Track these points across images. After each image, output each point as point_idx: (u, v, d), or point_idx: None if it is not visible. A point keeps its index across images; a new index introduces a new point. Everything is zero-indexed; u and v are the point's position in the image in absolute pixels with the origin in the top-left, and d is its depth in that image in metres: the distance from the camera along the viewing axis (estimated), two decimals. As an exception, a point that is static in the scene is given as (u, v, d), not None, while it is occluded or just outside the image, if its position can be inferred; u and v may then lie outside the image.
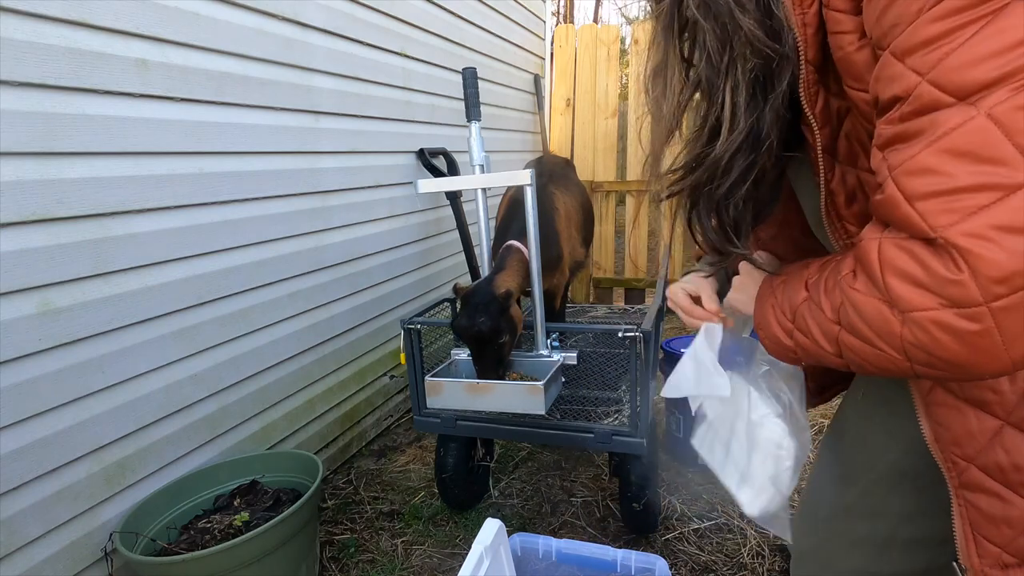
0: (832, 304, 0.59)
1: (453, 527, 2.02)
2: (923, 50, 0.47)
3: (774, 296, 0.71)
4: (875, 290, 0.53)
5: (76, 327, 1.43)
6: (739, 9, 0.61)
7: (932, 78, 0.46)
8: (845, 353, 0.59)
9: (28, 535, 1.36)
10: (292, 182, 2.08)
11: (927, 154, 0.47)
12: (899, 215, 0.50)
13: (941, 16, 0.45)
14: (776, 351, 0.71)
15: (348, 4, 2.32)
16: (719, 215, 0.73)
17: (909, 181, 0.48)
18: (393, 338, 2.73)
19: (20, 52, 1.28)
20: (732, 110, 0.65)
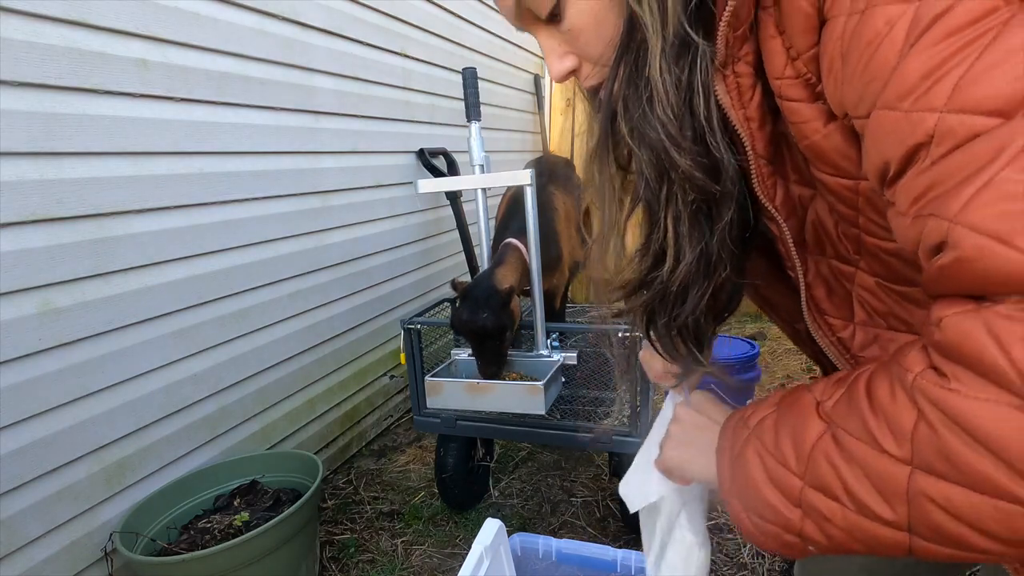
0: (897, 428, 0.39)
1: (453, 527, 2.02)
2: (924, 85, 0.39)
3: (758, 440, 0.51)
4: (998, 389, 0.34)
5: (76, 327, 1.43)
6: (674, 147, 0.55)
7: (954, 107, 0.38)
8: (921, 520, 0.39)
9: (28, 535, 1.36)
10: (292, 182, 2.08)
11: (1005, 178, 0.35)
12: (996, 268, 0.35)
13: (933, 43, 0.39)
14: (767, 534, 0.50)
15: (348, 4, 2.32)
16: (679, 332, 0.66)
17: (995, 219, 0.35)
18: (393, 338, 2.73)
19: (20, 52, 1.28)
20: (675, 240, 0.60)
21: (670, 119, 0.55)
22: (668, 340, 0.68)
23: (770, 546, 0.50)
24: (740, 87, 0.54)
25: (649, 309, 0.67)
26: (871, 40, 0.42)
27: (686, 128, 0.55)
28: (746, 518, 0.51)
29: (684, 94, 0.54)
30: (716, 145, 0.56)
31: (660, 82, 0.54)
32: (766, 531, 0.50)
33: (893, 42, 0.41)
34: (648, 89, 0.55)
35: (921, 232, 0.40)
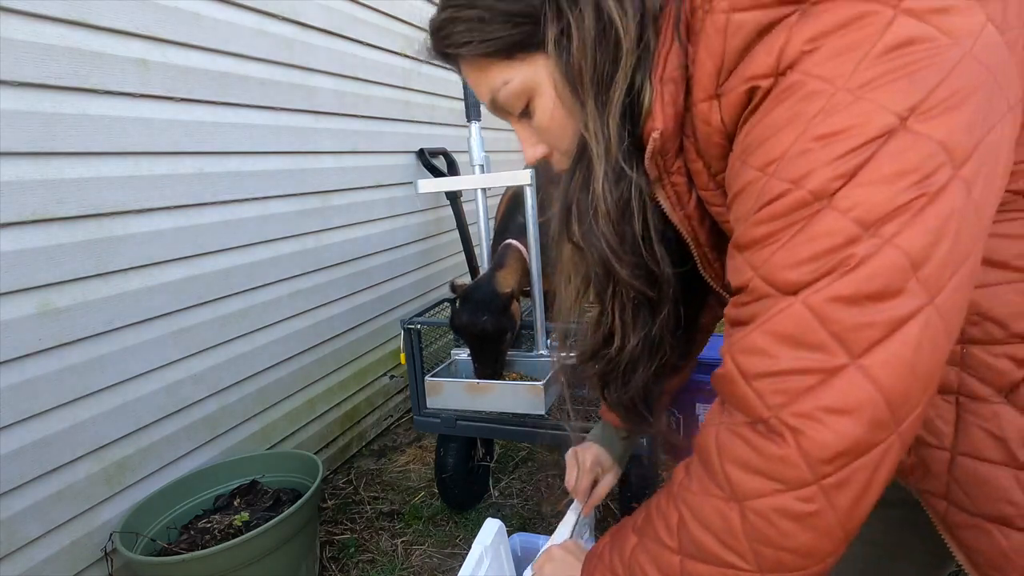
0: (669, 525, 0.55)
1: (453, 527, 2.02)
2: (753, 248, 0.51)
3: (601, 561, 0.64)
4: (713, 485, 0.52)
5: (76, 327, 1.43)
6: (615, 259, 0.65)
7: (762, 274, 0.50)
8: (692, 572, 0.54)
9: (28, 535, 1.36)
10: (292, 182, 2.08)
11: (757, 335, 0.50)
12: (737, 392, 0.51)
13: (764, 220, 0.50)
14: None
15: (348, 4, 2.32)
16: (630, 398, 0.76)
17: (744, 359, 0.51)
18: (393, 338, 2.73)
19: (20, 52, 1.28)
20: (622, 327, 0.70)
21: (611, 234, 0.65)
22: (620, 405, 0.79)
23: None
24: (678, 193, 0.63)
25: (601, 378, 0.78)
26: (738, 191, 0.53)
27: (626, 242, 0.65)
28: None
29: (623, 213, 0.64)
30: (652, 258, 0.66)
31: (603, 200, 0.63)
32: None
33: (747, 200, 0.52)
34: (594, 203, 0.64)
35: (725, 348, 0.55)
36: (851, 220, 0.46)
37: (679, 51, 0.56)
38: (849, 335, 0.47)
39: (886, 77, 0.47)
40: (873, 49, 0.47)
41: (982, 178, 0.48)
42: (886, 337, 0.46)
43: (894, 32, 0.47)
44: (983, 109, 0.47)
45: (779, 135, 0.50)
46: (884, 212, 0.46)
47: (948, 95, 0.46)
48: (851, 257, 0.46)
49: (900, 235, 0.46)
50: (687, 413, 2.25)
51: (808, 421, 0.47)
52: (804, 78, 0.49)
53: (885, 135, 0.46)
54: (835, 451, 0.47)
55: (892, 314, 0.46)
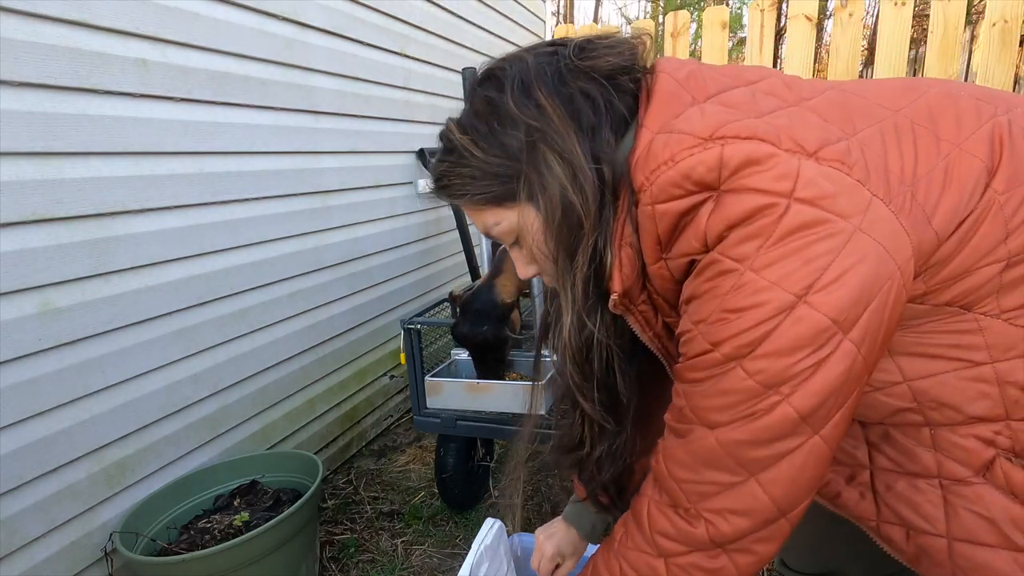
0: (612, 573, 0.74)
1: (453, 527, 2.02)
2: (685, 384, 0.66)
3: None
4: (645, 544, 0.70)
5: (76, 327, 1.43)
6: (579, 393, 0.79)
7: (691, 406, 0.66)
8: None
9: (28, 535, 1.36)
10: (292, 182, 2.08)
11: (682, 452, 0.66)
12: (667, 487, 0.68)
13: (693, 368, 0.64)
14: None
15: (348, 4, 2.32)
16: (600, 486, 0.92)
17: (673, 467, 0.67)
18: (393, 338, 2.73)
19: (20, 52, 1.28)
20: (590, 435, 0.85)
21: (576, 372, 0.76)
22: (592, 492, 0.94)
23: None
24: (646, 319, 0.73)
25: (576, 468, 0.92)
26: (679, 333, 0.67)
27: (590, 379, 0.77)
28: None
29: (586, 356, 0.75)
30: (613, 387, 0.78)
31: (569, 344, 0.74)
32: None
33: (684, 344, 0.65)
34: (562, 343, 0.75)
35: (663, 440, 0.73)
36: (756, 382, 0.58)
37: (631, 224, 0.67)
38: (749, 462, 0.61)
39: (784, 260, 0.56)
40: (773, 235, 0.56)
41: (869, 335, 0.57)
42: (776, 462, 0.61)
43: (789, 219, 0.55)
44: (871, 276, 0.56)
45: (703, 300, 0.61)
46: (782, 378, 0.58)
47: (839, 273, 0.55)
48: (756, 411, 0.59)
49: (794, 395, 0.58)
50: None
51: (716, 516, 0.64)
52: (720, 257, 0.59)
53: (784, 312, 0.56)
54: (733, 537, 0.64)
55: (782, 448, 0.60)
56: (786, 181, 0.56)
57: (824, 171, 0.57)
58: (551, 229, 0.68)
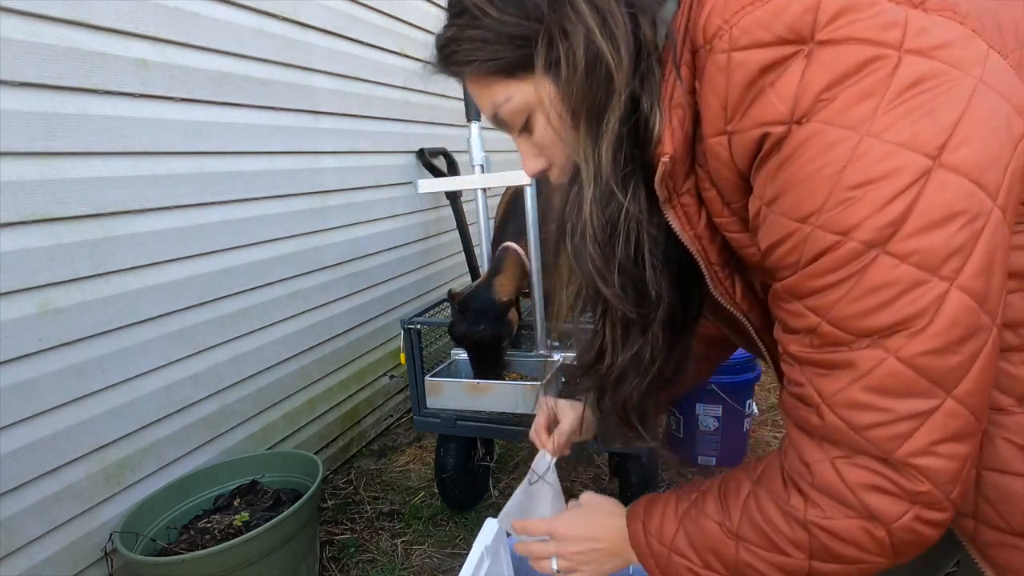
0: (797, 544, 0.59)
1: (453, 527, 2.02)
2: (812, 297, 0.53)
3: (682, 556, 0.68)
4: (849, 511, 0.56)
5: (76, 327, 1.43)
6: (600, 280, 0.66)
7: (831, 320, 0.52)
8: None
9: (28, 535, 1.36)
10: (292, 182, 2.08)
11: (856, 390, 0.53)
12: (849, 440, 0.55)
13: (818, 274, 0.51)
14: None
15: (348, 4, 2.32)
16: (624, 410, 0.78)
17: (849, 414, 0.54)
18: (393, 338, 2.73)
19: (20, 52, 1.28)
20: (612, 344, 0.73)
21: (598, 255, 0.65)
22: (613, 417, 0.81)
23: None
24: (687, 213, 0.63)
25: (596, 390, 0.81)
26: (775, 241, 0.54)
27: (612, 263, 0.65)
28: None
29: (610, 236, 0.64)
30: (641, 280, 0.66)
31: (590, 222, 0.64)
32: None
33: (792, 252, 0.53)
34: (582, 223, 0.65)
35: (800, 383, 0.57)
36: (912, 266, 0.48)
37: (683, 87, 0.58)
38: (944, 378, 0.51)
39: (908, 118, 0.47)
40: (888, 92, 0.47)
41: (1012, 201, 0.50)
42: (970, 368, 0.51)
43: (904, 73, 0.47)
44: (1004, 134, 0.48)
45: (811, 185, 0.50)
46: (943, 256, 0.48)
47: (971, 127, 0.47)
48: (924, 308, 0.49)
49: (962, 275, 0.48)
50: (687, 414, 2.25)
51: (925, 456, 0.52)
52: (825, 127, 0.49)
53: (923, 177, 0.47)
54: (952, 472, 0.52)
55: (974, 348, 0.50)
56: (894, 30, 0.48)
57: (934, 20, 0.49)
58: (574, 88, 0.59)
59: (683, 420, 2.26)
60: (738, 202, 0.59)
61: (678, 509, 0.69)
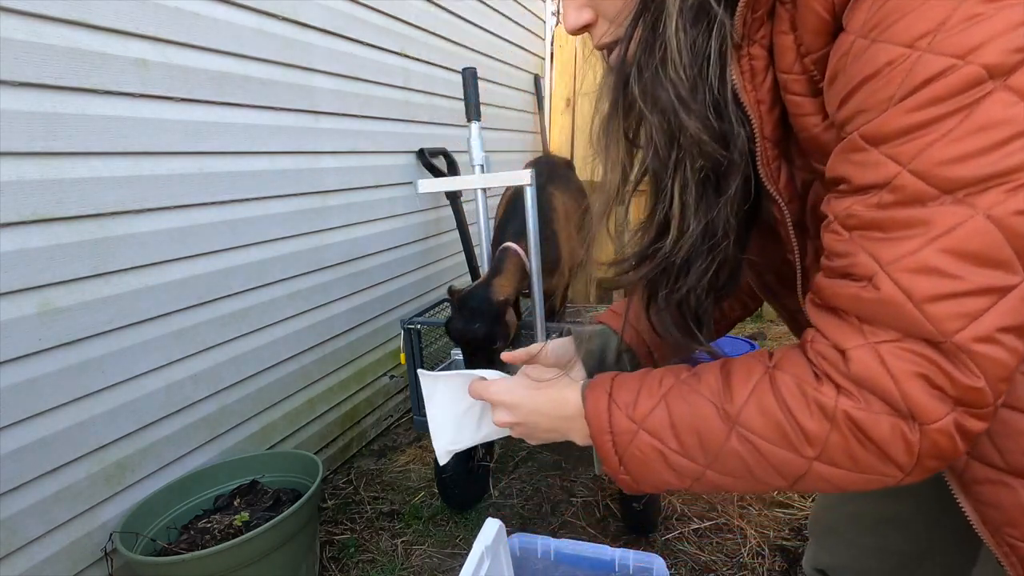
0: (813, 438, 0.51)
1: (453, 527, 2.02)
2: (899, 139, 0.45)
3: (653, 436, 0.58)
4: (886, 405, 0.48)
5: (76, 327, 1.43)
6: (683, 109, 0.56)
7: (915, 169, 0.44)
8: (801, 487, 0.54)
9: (28, 535, 1.36)
10: (292, 182, 2.08)
11: (930, 252, 0.44)
12: (904, 318, 0.46)
13: (916, 107, 0.43)
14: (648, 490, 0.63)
15: (348, 4, 2.32)
16: (679, 308, 0.67)
17: (913, 282, 0.45)
18: (393, 338, 2.73)
19: (20, 52, 1.28)
20: (681, 209, 0.61)
21: (681, 81, 0.55)
22: (667, 316, 0.69)
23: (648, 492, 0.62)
24: (753, 69, 0.55)
25: (650, 283, 0.68)
26: (870, 74, 0.45)
27: (698, 92, 0.56)
28: (635, 484, 0.61)
29: (698, 58, 0.55)
30: (727, 113, 0.56)
31: (675, 42, 0.54)
32: (652, 489, 0.62)
33: (888, 84, 0.45)
34: (662, 50, 0.56)
35: (849, 254, 0.49)
36: None
37: None
38: None
39: None
40: None
41: None
42: None
43: None
44: None
45: (929, 4, 0.42)
46: None
47: None
48: None
49: None
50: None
51: (988, 345, 0.44)
52: None
53: None
54: (1010, 368, 0.45)
55: None
56: None
57: None
58: None
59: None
60: (817, 51, 0.51)
61: (662, 384, 0.60)
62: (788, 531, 1.92)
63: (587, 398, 0.63)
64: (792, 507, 2.03)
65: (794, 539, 1.89)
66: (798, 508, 2.03)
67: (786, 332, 3.74)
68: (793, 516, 1.99)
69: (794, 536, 1.90)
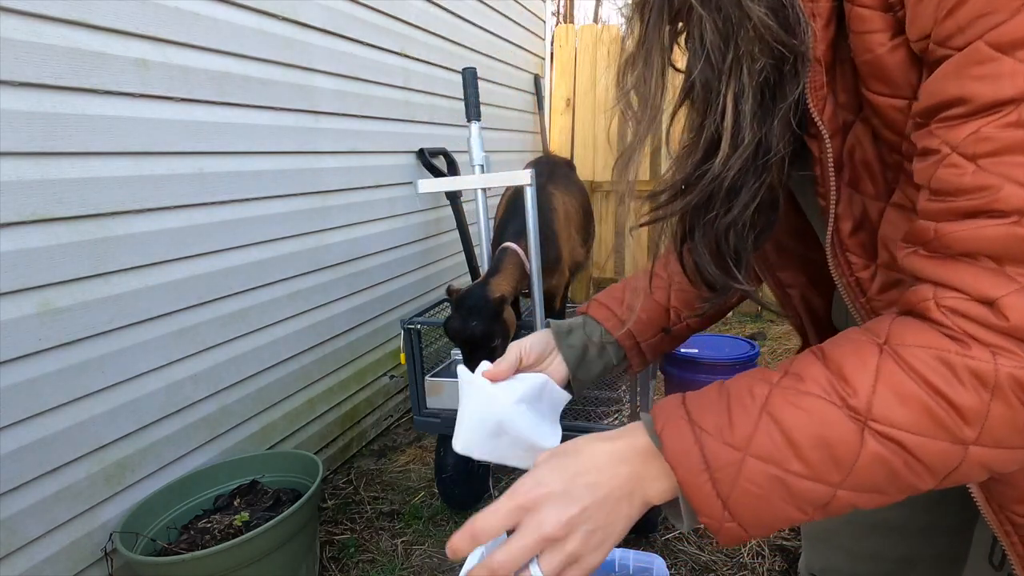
0: (972, 416, 0.42)
1: (453, 527, 2.02)
2: None
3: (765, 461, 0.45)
4: None
5: (76, 327, 1.43)
6: None
7: None
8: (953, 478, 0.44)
9: (28, 535, 1.36)
10: (292, 182, 2.08)
11: None
12: None
13: None
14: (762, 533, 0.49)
15: (348, 4, 2.32)
16: (717, 245, 0.60)
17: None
18: (393, 338, 2.73)
19: (20, 52, 1.28)
20: (735, 120, 0.53)
21: None
22: (704, 254, 0.61)
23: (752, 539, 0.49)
24: None
25: (689, 214, 0.60)
26: None
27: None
28: (744, 533, 0.47)
29: None
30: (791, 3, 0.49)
31: None
32: (764, 532, 0.48)
33: None
34: None
35: (985, 187, 0.40)
36: None
37: None
38: None
39: None
40: None
41: None
42: None
43: None
44: None
45: None
46: None
47: None
48: None
49: None
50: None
51: None
52: None
53: None
54: None
55: None
56: None
57: None
58: None
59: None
60: None
61: (754, 394, 0.47)
62: (788, 531, 1.92)
63: (663, 433, 0.48)
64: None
65: (794, 539, 1.89)
66: (798, 508, 2.02)
67: (787, 331, 3.74)
68: (793, 516, 1.99)
69: (794, 536, 1.90)
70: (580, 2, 13.80)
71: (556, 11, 10.26)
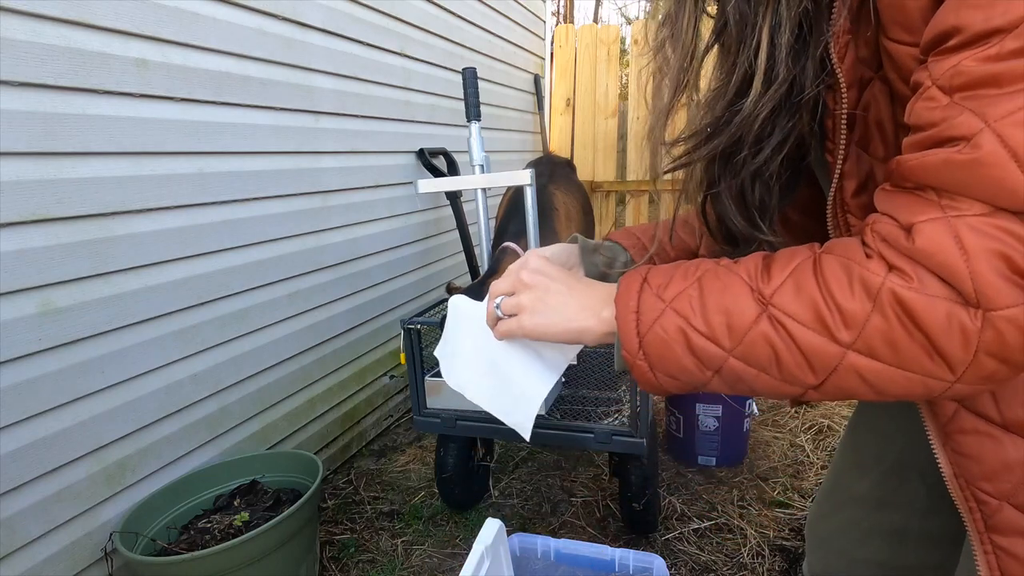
0: (852, 320, 0.45)
1: (453, 527, 2.02)
2: None
3: (679, 315, 0.53)
4: (945, 286, 0.42)
5: (76, 327, 1.43)
6: None
7: None
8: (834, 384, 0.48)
9: (28, 535, 1.36)
10: (292, 182, 2.08)
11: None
12: (1001, 180, 0.40)
13: None
14: (669, 385, 0.56)
15: (348, 4, 2.32)
16: (743, 194, 0.60)
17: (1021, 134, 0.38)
18: (393, 338, 2.73)
19: (20, 52, 1.28)
20: (770, 54, 0.52)
21: None
22: (729, 202, 0.62)
23: (664, 391, 0.57)
24: None
25: (716, 162, 0.60)
26: None
27: None
28: (651, 373, 0.55)
29: None
30: None
31: None
32: (670, 383, 0.56)
33: None
34: None
35: (947, 118, 0.42)
36: None
37: None
38: None
39: None
40: None
41: None
42: None
43: None
44: None
45: None
46: None
47: None
48: None
49: None
50: (687, 414, 2.25)
51: None
52: None
53: None
54: None
55: None
56: None
57: None
58: None
59: (683, 420, 2.26)
60: None
61: (699, 267, 0.55)
62: (788, 531, 1.92)
63: (621, 281, 0.58)
64: (792, 507, 2.03)
65: (794, 539, 1.89)
66: (798, 508, 2.03)
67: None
68: (793, 516, 1.99)
69: (794, 536, 1.90)
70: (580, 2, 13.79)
71: (556, 11, 10.26)
